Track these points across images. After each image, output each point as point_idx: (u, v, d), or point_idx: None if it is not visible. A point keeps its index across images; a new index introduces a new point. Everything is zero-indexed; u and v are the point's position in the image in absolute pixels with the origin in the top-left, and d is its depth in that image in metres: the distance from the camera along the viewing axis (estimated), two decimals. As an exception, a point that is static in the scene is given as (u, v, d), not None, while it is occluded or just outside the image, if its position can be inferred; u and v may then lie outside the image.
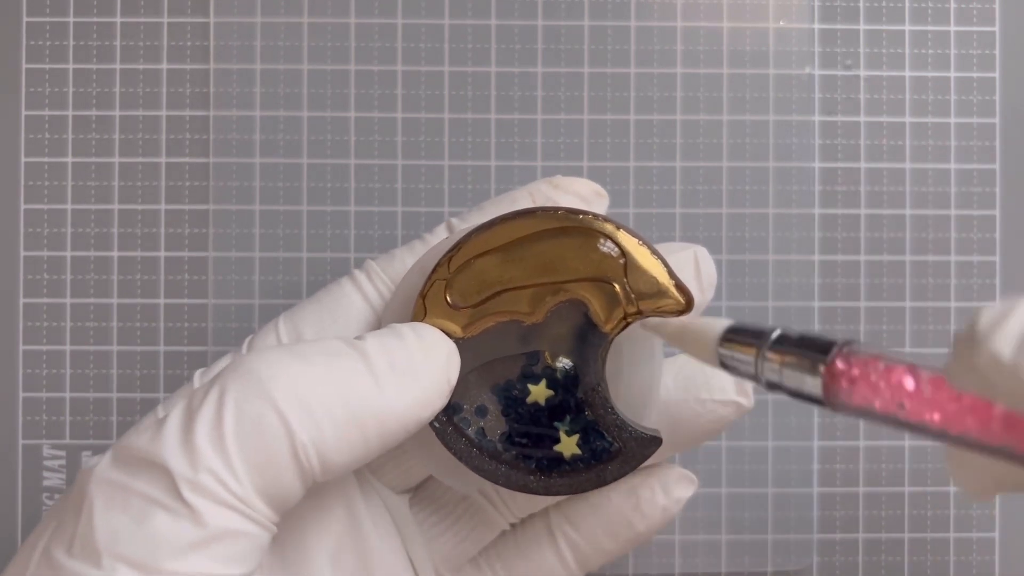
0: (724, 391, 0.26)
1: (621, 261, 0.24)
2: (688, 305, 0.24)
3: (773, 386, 0.22)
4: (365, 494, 0.26)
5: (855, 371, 0.20)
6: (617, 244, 0.24)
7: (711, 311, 0.27)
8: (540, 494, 0.25)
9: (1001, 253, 0.33)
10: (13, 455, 0.32)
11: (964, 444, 0.18)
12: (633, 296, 0.24)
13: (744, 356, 0.22)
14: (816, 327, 0.33)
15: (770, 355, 0.21)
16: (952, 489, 0.33)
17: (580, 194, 0.27)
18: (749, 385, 0.26)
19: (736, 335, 0.22)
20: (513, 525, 0.28)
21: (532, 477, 0.25)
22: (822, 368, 0.20)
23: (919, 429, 0.19)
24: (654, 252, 0.24)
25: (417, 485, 0.28)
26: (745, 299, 0.33)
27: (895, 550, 0.33)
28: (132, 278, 0.32)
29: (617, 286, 0.24)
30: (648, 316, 0.24)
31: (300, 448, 0.21)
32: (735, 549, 0.32)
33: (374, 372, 0.22)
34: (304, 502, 0.24)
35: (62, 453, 0.32)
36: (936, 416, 0.19)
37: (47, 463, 0.32)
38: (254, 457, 0.20)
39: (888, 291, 0.33)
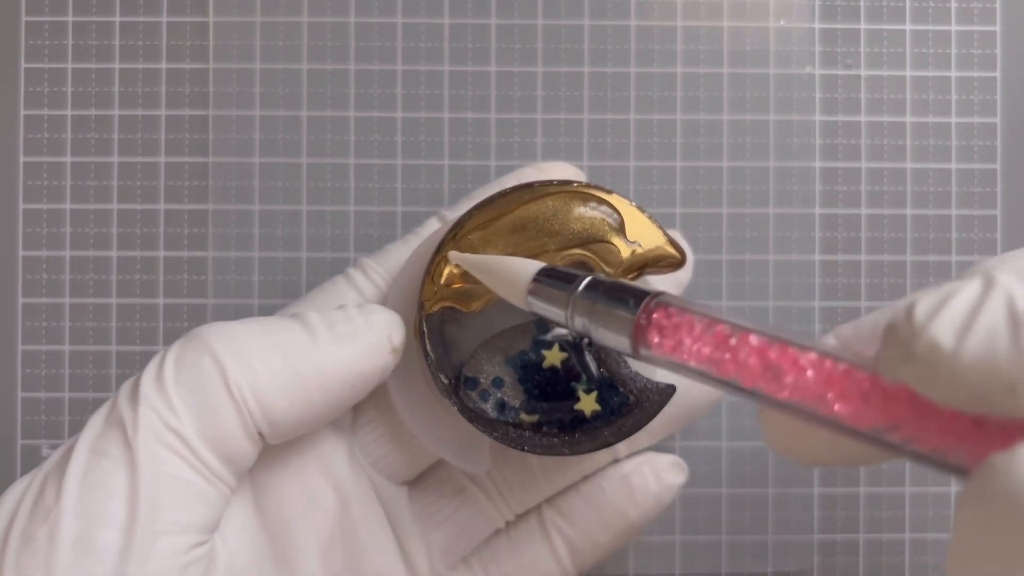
0: None
1: (618, 222, 0.26)
2: (683, 259, 0.26)
3: (582, 337, 0.22)
4: (358, 485, 0.26)
5: (665, 323, 0.20)
6: (612, 207, 0.26)
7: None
8: (567, 455, 0.25)
9: (1002, 253, 0.33)
10: (12, 455, 0.32)
11: (790, 410, 0.18)
12: (633, 253, 0.25)
13: (554, 303, 0.22)
14: (817, 327, 0.32)
15: (580, 302, 0.22)
16: (953, 489, 0.33)
17: (563, 175, 0.29)
18: None
19: (546, 277, 0.23)
20: (508, 523, 0.28)
21: (557, 439, 0.25)
22: (631, 320, 0.20)
23: (729, 385, 0.19)
24: (645, 213, 0.26)
25: (415, 477, 0.28)
26: (745, 299, 0.32)
27: (896, 551, 0.33)
28: (131, 278, 0.32)
29: (617, 244, 0.25)
30: (649, 273, 0.26)
31: (234, 387, 0.22)
32: (735, 550, 0.32)
33: (312, 332, 0.23)
34: (292, 492, 0.25)
35: (61, 453, 0.32)
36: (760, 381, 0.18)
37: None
38: (191, 398, 0.22)
39: (889, 291, 0.33)
